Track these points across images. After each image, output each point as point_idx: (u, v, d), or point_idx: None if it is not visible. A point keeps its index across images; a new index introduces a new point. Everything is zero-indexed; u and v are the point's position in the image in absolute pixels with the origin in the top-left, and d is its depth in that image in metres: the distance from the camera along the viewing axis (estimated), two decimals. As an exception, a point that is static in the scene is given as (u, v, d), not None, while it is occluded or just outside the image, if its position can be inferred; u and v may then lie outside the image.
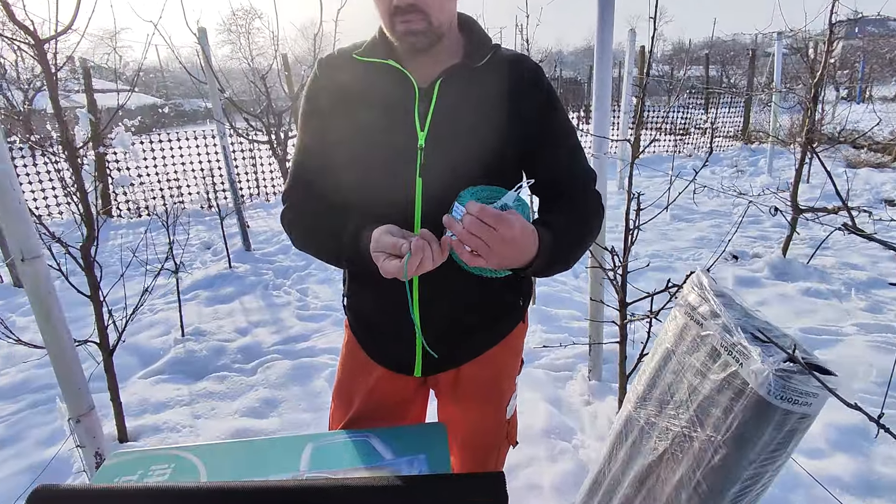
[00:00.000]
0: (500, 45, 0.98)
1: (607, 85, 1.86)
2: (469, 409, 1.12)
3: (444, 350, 1.02)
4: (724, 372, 1.09)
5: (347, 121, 0.95)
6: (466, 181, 0.91)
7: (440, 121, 0.91)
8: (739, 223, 2.68)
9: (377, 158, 0.94)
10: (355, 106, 0.94)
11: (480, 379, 1.10)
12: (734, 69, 18.78)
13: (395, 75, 0.93)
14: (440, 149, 0.91)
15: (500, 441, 1.18)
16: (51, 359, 1.38)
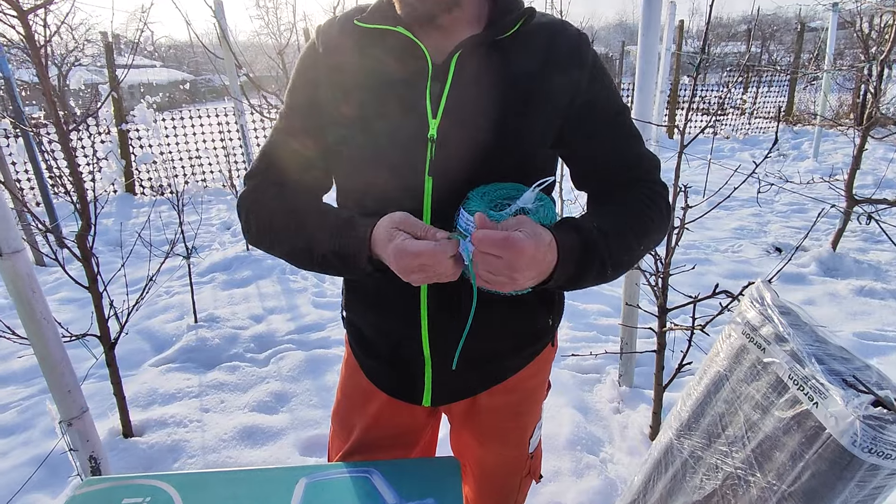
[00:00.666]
0: (534, 10, 0.77)
1: (652, 62, 1.65)
2: (486, 443, 0.97)
3: (458, 380, 0.87)
4: (791, 410, 0.92)
5: (343, 101, 0.77)
6: (486, 182, 0.73)
7: (457, 105, 0.73)
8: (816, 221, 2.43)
9: (376, 151, 0.76)
10: (353, 83, 0.76)
11: (500, 410, 0.94)
12: (776, 45, 17.83)
13: (403, 46, 0.74)
14: (456, 141, 0.73)
15: (520, 478, 1.02)
16: (37, 359, 1.28)
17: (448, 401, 0.90)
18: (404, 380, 0.88)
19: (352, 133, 0.77)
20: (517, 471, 1.01)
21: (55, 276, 3.55)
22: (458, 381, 0.87)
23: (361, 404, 0.95)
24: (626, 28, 35.08)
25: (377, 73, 0.76)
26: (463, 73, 0.73)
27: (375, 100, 0.75)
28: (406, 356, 0.85)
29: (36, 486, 1.71)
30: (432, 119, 0.73)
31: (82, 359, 2.31)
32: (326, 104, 0.79)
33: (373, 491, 0.86)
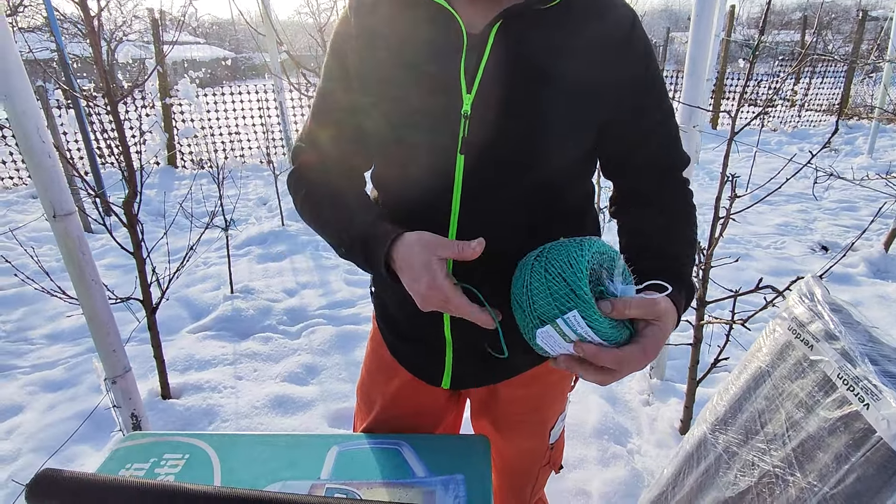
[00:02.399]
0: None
1: (705, 44, 1.58)
2: (504, 432, 0.97)
3: (477, 366, 0.86)
4: (839, 410, 0.88)
5: (373, 74, 0.74)
6: (521, 164, 0.71)
7: (493, 79, 0.68)
8: (875, 217, 2.33)
9: (406, 127, 0.73)
10: (385, 55, 0.73)
11: (519, 402, 0.93)
12: (832, 35, 16.91)
13: (437, 16, 0.69)
14: (491, 117, 0.68)
15: (538, 468, 1.02)
16: (86, 319, 1.34)
17: (466, 386, 0.90)
18: (425, 360, 0.88)
19: (381, 107, 0.74)
20: (536, 461, 1.00)
21: (101, 243, 3.70)
22: (474, 370, 0.87)
23: (384, 380, 0.95)
24: (672, 14, 33.79)
25: (409, 44, 0.72)
26: (502, 46, 0.68)
27: (407, 72, 0.71)
28: (429, 338, 0.84)
29: (81, 439, 1.80)
30: (466, 94, 0.68)
31: (125, 322, 2.40)
32: (358, 76, 0.76)
33: (402, 463, 0.87)
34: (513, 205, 0.75)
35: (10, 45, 1.07)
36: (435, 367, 0.87)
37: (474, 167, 0.70)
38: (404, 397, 0.94)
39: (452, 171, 0.71)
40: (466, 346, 0.83)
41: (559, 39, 0.69)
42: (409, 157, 0.75)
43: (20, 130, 1.11)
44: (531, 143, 0.71)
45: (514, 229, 0.75)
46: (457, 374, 0.86)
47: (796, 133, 8.00)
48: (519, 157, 0.71)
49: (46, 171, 1.14)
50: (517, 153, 0.71)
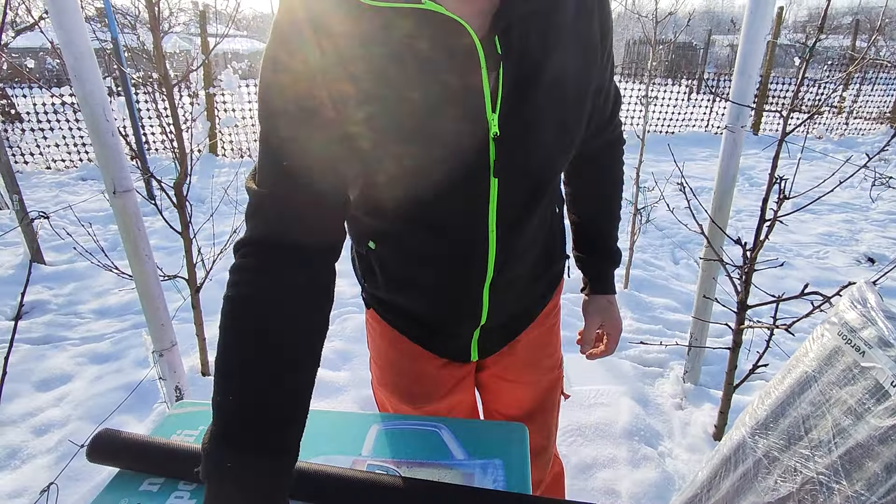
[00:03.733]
0: None
1: (758, 41, 1.54)
2: (525, 377, 1.01)
3: (503, 333, 0.92)
4: (892, 418, 0.86)
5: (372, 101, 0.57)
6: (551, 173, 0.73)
7: (516, 94, 0.60)
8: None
9: (428, 160, 0.61)
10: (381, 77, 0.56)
11: (535, 342, 0.98)
12: (885, 40, 16.19)
13: (439, 25, 0.55)
14: (520, 136, 0.63)
15: (559, 393, 1.08)
16: (138, 293, 1.40)
17: (492, 352, 0.94)
18: (454, 344, 0.90)
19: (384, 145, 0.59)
20: (556, 387, 1.06)
21: (146, 224, 3.84)
22: (500, 335, 0.91)
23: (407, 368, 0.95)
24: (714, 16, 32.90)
25: (410, 62, 0.56)
26: (512, 52, 0.59)
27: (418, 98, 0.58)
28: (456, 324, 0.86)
29: (126, 409, 1.88)
30: (491, 114, 0.60)
31: (169, 301, 2.50)
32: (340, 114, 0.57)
33: (441, 445, 0.89)
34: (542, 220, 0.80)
35: (81, 30, 1.13)
36: (463, 346, 0.90)
37: (508, 186, 0.66)
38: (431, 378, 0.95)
39: (486, 197, 0.66)
40: (498, 318, 0.86)
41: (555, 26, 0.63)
42: (431, 194, 0.64)
43: (88, 109, 1.17)
44: (561, 146, 0.70)
45: (534, 242, 0.81)
46: (482, 346, 0.91)
47: (843, 141, 7.71)
48: (551, 165, 0.71)
49: (110, 149, 1.20)
50: (549, 163, 0.70)
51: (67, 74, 1.15)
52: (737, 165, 1.70)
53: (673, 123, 7.92)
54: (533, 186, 0.71)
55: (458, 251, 0.73)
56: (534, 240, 0.81)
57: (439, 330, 0.88)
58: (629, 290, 2.81)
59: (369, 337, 1.00)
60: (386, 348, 0.96)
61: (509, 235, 0.74)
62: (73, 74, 1.14)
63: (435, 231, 0.71)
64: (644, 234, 3.81)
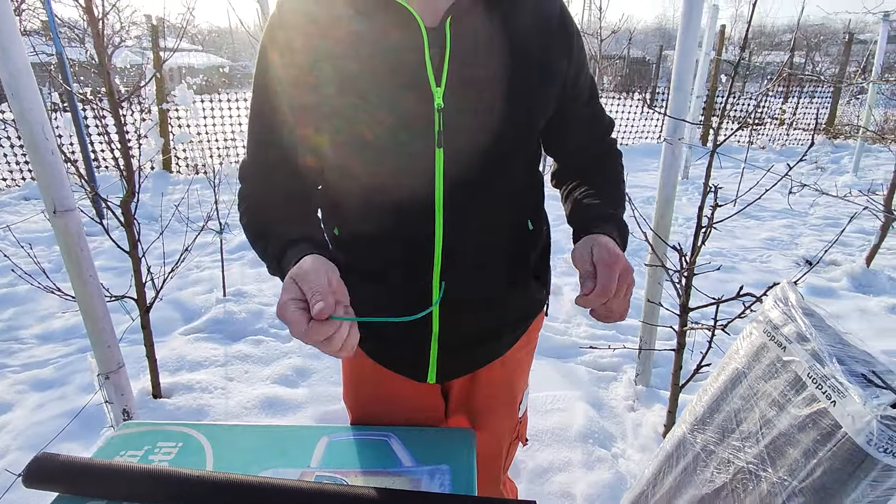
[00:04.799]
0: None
1: (690, 59, 1.64)
2: (480, 417, 1.00)
3: (463, 355, 0.89)
4: (808, 408, 0.92)
5: (332, 78, 0.70)
6: (496, 150, 0.75)
7: (460, 71, 0.70)
8: (845, 228, 2.40)
9: (378, 127, 0.71)
10: (341, 57, 0.70)
11: (497, 381, 0.97)
12: (821, 56, 17.29)
13: (392, 11, 0.69)
14: (464, 109, 0.71)
15: (509, 442, 1.07)
16: (81, 314, 1.36)
17: (452, 377, 0.92)
18: (411, 358, 0.89)
19: (346, 113, 0.71)
20: (507, 436, 1.05)
21: (93, 245, 3.70)
22: (462, 358, 0.89)
23: (369, 383, 0.96)
24: (665, 32, 34.45)
25: (367, 43, 0.69)
26: (460, 37, 0.70)
27: (370, 74, 0.69)
28: (412, 334, 0.85)
29: (70, 437, 1.80)
30: (436, 87, 0.69)
31: (117, 323, 2.42)
32: (311, 85, 0.71)
33: (391, 453, 0.90)
34: (495, 196, 0.79)
35: (18, 46, 1.11)
36: (420, 362, 0.88)
37: (452, 158, 0.72)
38: (389, 398, 0.95)
39: (433, 167, 0.72)
40: (454, 336, 0.85)
41: (510, 28, 0.73)
42: (382, 160, 0.73)
43: (26, 127, 1.14)
44: (503, 129, 0.74)
45: (498, 219, 0.81)
46: (442, 368, 0.88)
47: (784, 151, 8.16)
48: (492, 144, 0.74)
49: (49, 168, 1.17)
50: (491, 140, 0.74)
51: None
52: (676, 175, 1.79)
53: (627, 136, 8.22)
54: (480, 164, 0.74)
55: (404, 229, 0.76)
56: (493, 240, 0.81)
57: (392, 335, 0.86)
58: (584, 297, 2.89)
59: None
60: (350, 360, 0.97)
61: (459, 219, 0.75)
62: (10, 91, 1.11)
63: (385, 209, 0.76)
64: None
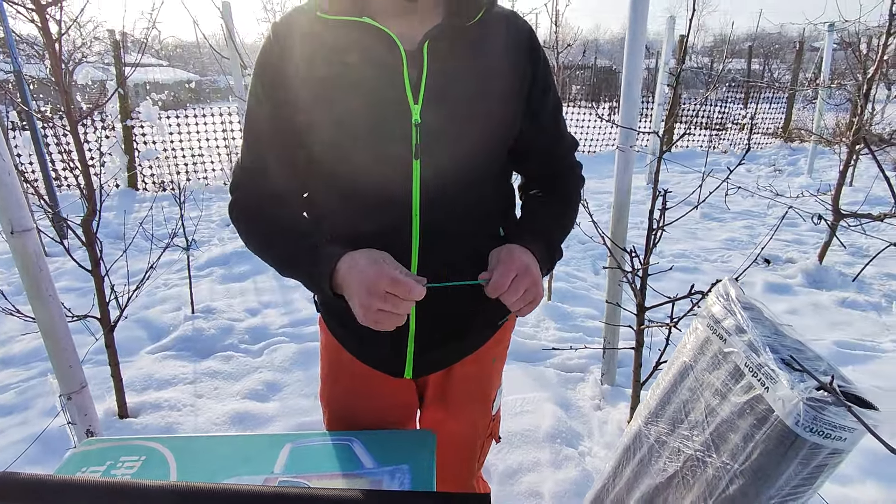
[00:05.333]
0: (496, 3, 0.83)
1: (637, 73, 1.73)
2: (457, 410, 1.04)
3: (438, 351, 0.94)
4: (746, 395, 0.99)
5: (319, 96, 0.77)
6: (469, 162, 0.81)
7: (436, 90, 0.77)
8: (777, 228, 2.52)
9: (361, 140, 0.77)
10: (327, 77, 0.76)
11: (471, 377, 1.01)
12: (778, 63, 18.02)
13: (374, 36, 0.76)
14: (439, 124, 0.77)
15: (483, 439, 1.11)
16: (42, 335, 1.35)
17: (427, 372, 0.96)
18: (388, 353, 0.93)
19: (331, 126, 0.78)
20: (481, 433, 1.08)
21: (54, 266, 3.61)
22: (437, 354, 0.94)
23: (345, 382, 1.00)
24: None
25: (352, 64, 0.76)
26: (437, 59, 0.77)
27: (354, 92, 0.76)
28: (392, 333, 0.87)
29: (31, 461, 1.77)
30: (414, 105, 0.76)
31: (81, 344, 2.37)
32: (298, 103, 0.78)
33: (353, 457, 0.92)
34: (468, 205, 0.85)
35: (-29, 67, 1.11)
36: (397, 358, 0.92)
37: (429, 171, 0.78)
38: (365, 395, 0.99)
39: (410, 177, 0.78)
40: (430, 332, 0.90)
41: (483, 51, 0.81)
42: (365, 170, 0.79)
43: (-21, 148, 1.14)
44: (474, 143, 0.81)
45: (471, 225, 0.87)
46: (418, 363, 0.93)
47: (745, 155, 8.47)
48: (467, 157, 0.81)
49: (6, 188, 1.17)
50: (465, 154, 0.80)
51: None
52: (630, 181, 1.87)
53: (595, 144, 8.42)
54: (454, 176, 0.80)
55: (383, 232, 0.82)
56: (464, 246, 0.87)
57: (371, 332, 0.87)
58: (552, 301, 2.96)
59: (320, 346, 1.05)
60: (329, 359, 1.02)
61: (433, 224, 0.81)
62: (-38, 113, 1.11)
63: (366, 213, 0.82)
64: (567, 248, 4.02)
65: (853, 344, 2.52)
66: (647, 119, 8.09)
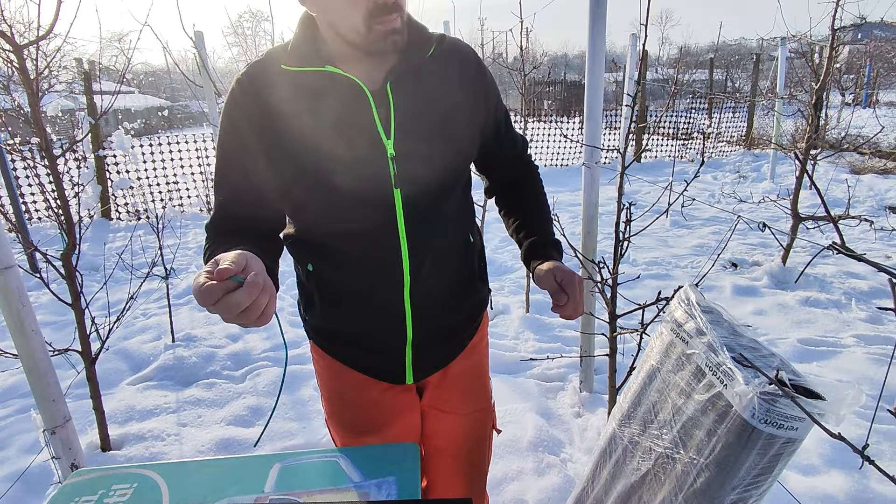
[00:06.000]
0: (444, 35, 0.91)
1: (599, 95, 1.83)
2: (461, 408, 1.11)
3: (434, 352, 1.02)
4: (708, 393, 1.06)
5: (296, 143, 0.82)
6: (442, 182, 0.91)
7: (405, 124, 0.84)
8: (728, 238, 2.65)
9: (344, 179, 0.83)
10: (302, 125, 0.82)
11: (467, 373, 1.10)
12: (739, 73, 18.70)
13: (340, 83, 0.82)
14: (412, 154, 0.85)
15: (490, 429, 1.18)
16: (24, 370, 1.35)
17: (427, 374, 1.04)
18: (388, 364, 1.00)
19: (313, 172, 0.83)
20: (488, 423, 1.17)
21: (31, 299, 3.55)
22: (432, 356, 1.02)
23: (350, 398, 1.05)
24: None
25: (324, 110, 0.81)
26: (401, 96, 0.84)
27: (330, 136, 0.82)
28: (387, 342, 0.97)
29: (12, 501, 1.74)
30: (387, 140, 0.83)
31: (61, 378, 2.34)
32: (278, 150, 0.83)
33: (340, 472, 0.96)
34: (445, 219, 0.95)
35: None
36: (398, 366, 1.00)
37: (409, 195, 0.86)
38: (371, 407, 1.04)
39: (393, 204, 0.86)
40: (426, 335, 0.97)
41: (440, 83, 0.89)
42: (352, 203, 0.85)
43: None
44: (446, 167, 0.91)
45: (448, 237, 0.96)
46: (418, 367, 1.01)
47: (711, 163, 8.74)
48: (439, 179, 0.90)
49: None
50: (437, 177, 0.89)
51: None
52: (597, 195, 1.96)
53: (568, 157, 8.62)
54: (430, 196, 0.89)
55: (377, 255, 0.90)
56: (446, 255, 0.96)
57: (371, 345, 0.98)
58: (530, 313, 3.03)
59: (317, 374, 1.10)
60: (330, 380, 1.07)
61: (419, 241, 0.90)
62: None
63: (359, 241, 0.89)
64: (544, 260, 4.11)
65: (816, 341, 2.64)
66: (618, 131, 8.33)
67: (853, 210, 5.10)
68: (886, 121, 10.38)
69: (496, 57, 5.49)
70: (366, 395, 1.04)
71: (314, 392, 2.38)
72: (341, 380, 1.05)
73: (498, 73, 9.19)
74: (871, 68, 15.41)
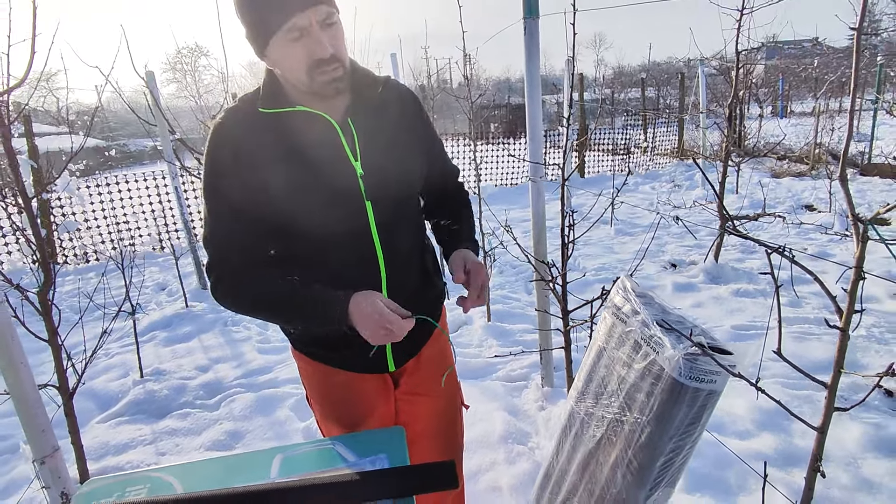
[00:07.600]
0: (389, 77, 1.11)
1: (538, 118, 2.06)
2: (433, 387, 1.26)
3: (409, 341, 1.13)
4: (644, 361, 1.25)
5: (280, 173, 0.97)
6: (401, 193, 1.11)
7: (368, 148, 1.03)
8: (651, 240, 2.92)
9: (324, 197, 0.99)
10: (283, 157, 0.97)
11: (436, 356, 1.26)
12: (669, 90, 20.02)
13: (311, 119, 0.99)
14: (376, 171, 1.04)
15: (460, 404, 1.36)
16: (14, 403, 1.40)
17: (405, 360, 1.20)
18: (373, 356, 1.14)
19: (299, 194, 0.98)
20: (457, 398, 1.35)
21: None
22: (408, 343, 1.15)
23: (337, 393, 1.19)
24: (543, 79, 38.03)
25: (299, 143, 0.99)
26: (361, 125, 1.03)
27: (308, 162, 0.98)
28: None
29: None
30: (355, 162, 1.02)
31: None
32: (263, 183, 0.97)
33: (336, 456, 1.09)
34: (408, 225, 1.15)
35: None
36: (381, 357, 1.16)
37: (378, 206, 1.05)
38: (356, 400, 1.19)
39: (366, 217, 1.04)
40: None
41: (388, 113, 1.09)
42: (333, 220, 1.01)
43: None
44: (403, 183, 1.11)
45: (411, 256, 1.16)
46: (396, 356, 1.17)
47: (649, 174, 9.32)
48: (399, 191, 1.10)
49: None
50: (398, 190, 1.09)
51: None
52: (543, 205, 2.18)
53: (516, 176, 8.99)
54: (395, 205, 1.08)
55: (358, 257, 1.06)
56: (411, 254, 1.15)
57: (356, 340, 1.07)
58: (492, 322, 3.22)
59: (304, 382, 1.25)
60: (318, 384, 1.21)
61: (389, 243, 1.07)
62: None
63: (341, 247, 1.04)
64: (501, 273, 4.34)
65: (747, 326, 2.94)
66: (561, 149, 8.77)
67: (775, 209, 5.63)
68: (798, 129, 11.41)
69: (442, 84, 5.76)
70: (351, 390, 1.19)
71: (290, 413, 2.45)
72: (327, 382, 1.19)
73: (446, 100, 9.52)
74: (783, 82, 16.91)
